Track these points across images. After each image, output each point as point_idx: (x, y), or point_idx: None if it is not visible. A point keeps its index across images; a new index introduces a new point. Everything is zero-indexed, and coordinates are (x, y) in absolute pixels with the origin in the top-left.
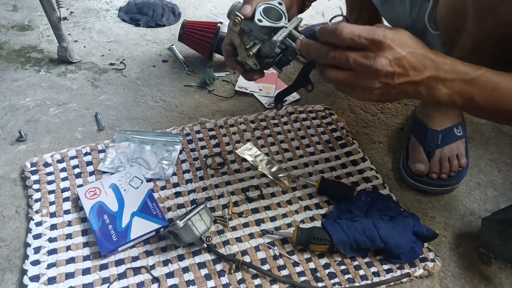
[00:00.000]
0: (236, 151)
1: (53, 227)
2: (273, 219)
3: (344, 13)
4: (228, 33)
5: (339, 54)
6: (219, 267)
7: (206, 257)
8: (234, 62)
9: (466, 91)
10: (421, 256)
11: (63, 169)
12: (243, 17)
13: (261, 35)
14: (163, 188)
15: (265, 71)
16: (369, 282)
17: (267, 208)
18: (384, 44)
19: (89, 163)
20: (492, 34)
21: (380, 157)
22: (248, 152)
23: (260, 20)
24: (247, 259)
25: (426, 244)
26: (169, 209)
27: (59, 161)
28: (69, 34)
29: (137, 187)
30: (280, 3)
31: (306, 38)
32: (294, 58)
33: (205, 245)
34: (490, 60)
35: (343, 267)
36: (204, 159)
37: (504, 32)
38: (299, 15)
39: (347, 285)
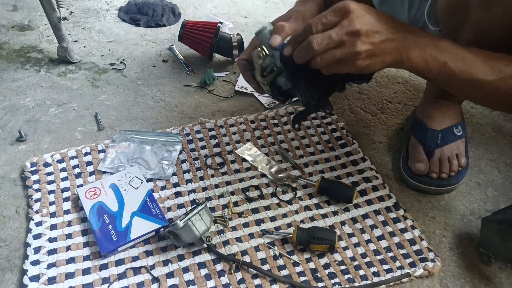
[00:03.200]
0: (236, 151)
1: (53, 227)
2: (273, 219)
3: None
4: (249, 46)
5: (321, 37)
6: (219, 267)
7: (206, 257)
8: (250, 77)
9: (439, 55)
10: (421, 256)
11: (63, 169)
12: (267, 53)
13: (281, 66)
14: (163, 188)
15: None
16: (369, 282)
17: (267, 208)
18: (349, 9)
19: (89, 163)
20: (498, 23)
21: (380, 157)
22: (248, 152)
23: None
24: (247, 259)
25: (426, 244)
26: (169, 209)
27: (59, 161)
28: (69, 34)
29: (137, 187)
30: None
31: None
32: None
33: (205, 245)
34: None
35: (343, 267)
36: (204, 159)
37: (509, 22)
38: None
39: (347, 285)
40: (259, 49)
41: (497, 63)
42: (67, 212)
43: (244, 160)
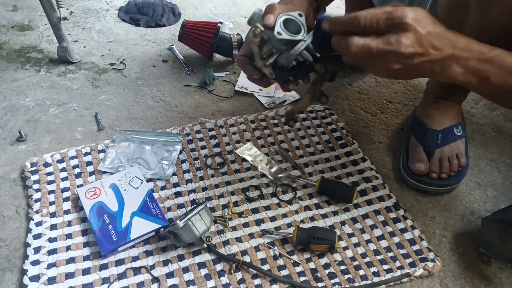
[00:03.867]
0: (236, 151)
1: (53, 227)
2: (273, 219)
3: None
4: (245, 42)
5: (362, 45)
6: (219, 267)
7: (206, 257)
8: (251, 69)
9: (482, 70)
10: (421, 256)
11: (63, 169)
12: (263, 29)
13: (279, 46)
14: (163, 188)
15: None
16: (369, 282)
17: (267, 208)
18: (405, 25)
19: (89, 163)
20: (497, 23)
21: (380, 157)
22: (248, 152)
23: (279, 33)
24: (247, 259)
25: (426, 244)
26: (169, 209)
27: (59, 161)
28: (69, 34)
29: (137, 187)
30: (300, 15)
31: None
32: (310, 71)
33: (205, 245)
34: None
35: (343, 267)
36: (204, 159)
37: (509, 21)
38: None
39: (347, 285)
40: (253, 28)
41: None
42: (67, 212)
43: (244, 160)
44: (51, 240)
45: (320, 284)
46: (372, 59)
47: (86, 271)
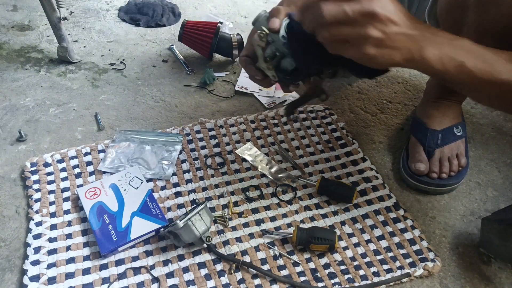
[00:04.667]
0: (236, 151)
1: (53, 227)
2: (273, 219)
3: None
4: (248, 42)
5: (333, 6)
6: (219, 267)
7: (206, 257)
8: (254, 70)
9: (456, 54)
10: (421, 256)
11: (63, 169)
12: (268, 32)
13: (283, 49)
14: (163, 188)
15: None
16: (369, 282)
17: (267, 208)
18: None
19: (89, 163)
20: (495, 25)
21: (380, 157)
22: (248, 152)
23: (284, 37)
24: (247, 259)
25: (426, 244)
26: (169, 209)
27: (59, 161)
28: (69, 34)
29: (137, 187)
30: None
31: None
32: (312, 76)
33: (205, 245)
34: None
35: (343, 267)
36: (204, 159)
37: (507, 23)
38: None
39: (347, 285)
40: (259, 31)
41: None
42: (67, 212)
43: (244, 160)
44: (51, 240)
45: (320, 284)
46: (348, 26)
47: (86, 271)
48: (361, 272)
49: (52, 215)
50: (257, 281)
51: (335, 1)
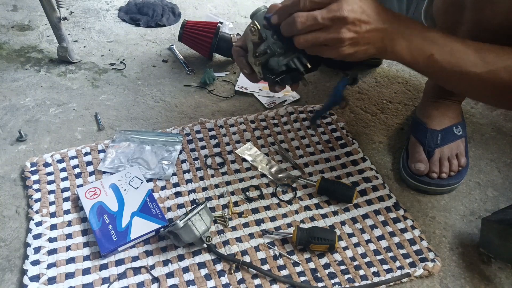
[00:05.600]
0: (236, 151)
1: (53, 227)
2: (273, 219)
3: None
4: (244, 34)
5: (306, 16)
6: (219, 267)
7: (206, 257)
8: (243, 62)
9: (425, 46)
10: (421, 256)
11: (63, 169)
12: (260, 27)
13: (274, 48)
14: (163, 188)
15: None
16: (369, 282)
17: (267, 208)
18: None
19: (89, 163)
20: (490, 23)
21: (380, 157)
22: (248, 152)
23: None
24: (247, 259)
25: (426, 244)
26: (169, 209)
27: (59, 161)
28: (69, 34)
29: (137, 187)
30: None
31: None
32: (299, 80)
33: (205, 245)
34: None
35: (343, 267)
36: (204, 159)
37: (502, 21)
38: None
39: (347, 285)
40: (251, 24)
41: (489, 54)
42: (67, 212)
43: (244, 160)
44: (51, 240)
45: (320, 284)
46: (322, 32)
47: (86, 271)
48: (361, 272)
49: (52, 215)
50: (257, 281)
51: (307, 12)
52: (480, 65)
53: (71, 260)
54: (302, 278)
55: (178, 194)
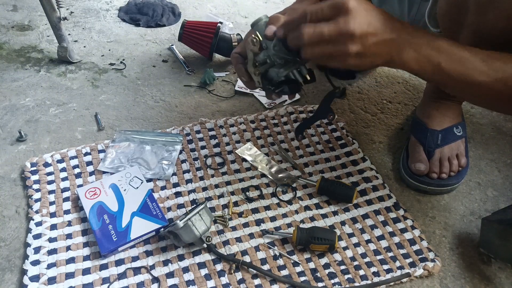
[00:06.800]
0: (236, 151)
1: (53, 227)
2: (273, 219)
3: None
4: (244, 40)
5: (313, 31)
6: (219, 267)
7: (206, 257)
8: (242, 70)
9: (433, 56)
10: (421, 256)
11: (63, 169)
12: (261, 39)
13: (275, 58)
14: (163, 188)
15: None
16: (369, 282)
17: (267, 208)
18: (349, 8)
19: (89, 163)
20: (494, 27)
21: (380, 157)
22: (248, 152)
23: (276, 47)
24: (247, 259)
25: (426, 244)
26: (169, 209)
27: (59, 161)
28: (69, 34)
29: (137, 187)
30: None
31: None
32: (297, 91)
33: (205, 245)
34: None
35: (343, 267)
36: (204, 159)
37: (506, 25)
38: None
39: (347, 285)
40: (253, 35)
41: (496, 62)
42: (67, 212)
43: (244, 160)
44: (51, 240)
45: (320, 284)
46: (328, 44)
47: (86, 271)
48: (361, 272)
49: (52, 215)
50: (257, 281)
51: (314, 23)
52: (487, 73)
53: (71, 260)
54: (302, 278)
55: (178, 194)
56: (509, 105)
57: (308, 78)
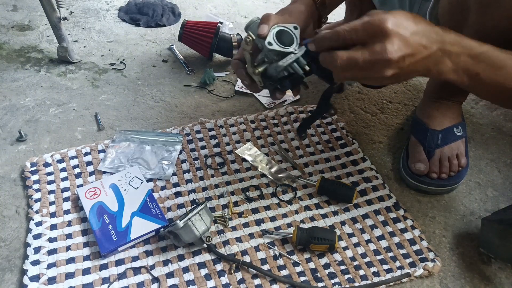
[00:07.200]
0: (236, 151)
1: (53, 227)
2: (273, 219)
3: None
4: (241, 48)
5: (347, 59)
6: (219, 267)
7: (206, 257)
8: (243, 74)
9: (472, 66)
10: (421, 256)
11: (63, 169)
12: (254, 38)
13: (271, 56)
14: (163, 188)
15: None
16: (369, 282)
17: (267, 208)
18: (386, 31)
19: (89, 163)
20: (496, 27)
21: (380, 157)
22: (248, 152)
23: (270, 43)
24: (247, 259)
25: (426, 244)
26: (169, 209)
27: (59, 161)
28: (69, 34)
29: (137, 187)
30: (295, 27)
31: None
32: (299, 84)
33: (205, 245)
34: None
35: (343, 267)
36: (204, 159)
37: (508, 25)
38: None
39: (347, 285)
40: (246, 35)
41: None
42: (67, 212)
43: (244, 160)
44: (51, 240)
45: (320, 284)
46: (362, 70)
47: (86, 271)
48: (361, 272)
49: (52, 215)
50: (257, 281)
51: (347, 52)
52: None
53: (71, 260)
54: (302, 278)
55: (178, 194)
56: None
57: (308, 69)
